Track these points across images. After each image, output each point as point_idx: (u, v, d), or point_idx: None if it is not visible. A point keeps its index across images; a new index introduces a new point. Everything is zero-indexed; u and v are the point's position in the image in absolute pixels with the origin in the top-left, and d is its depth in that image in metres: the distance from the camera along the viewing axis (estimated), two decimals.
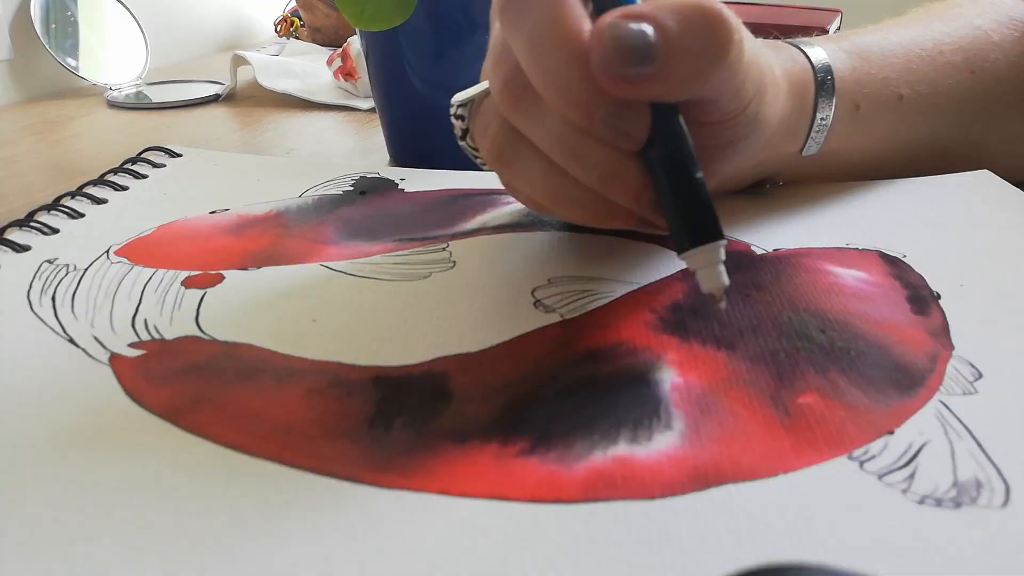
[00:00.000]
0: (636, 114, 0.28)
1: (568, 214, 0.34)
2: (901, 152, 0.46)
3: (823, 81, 0.40)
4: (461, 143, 0.37)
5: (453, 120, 0.36)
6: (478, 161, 0.38)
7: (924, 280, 0.34)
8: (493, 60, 0.31)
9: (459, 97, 0.35)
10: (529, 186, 0.33)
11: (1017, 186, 0.44)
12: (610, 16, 0.27)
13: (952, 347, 0.29)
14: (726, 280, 0.28)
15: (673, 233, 0.28)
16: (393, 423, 0.26)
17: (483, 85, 0.33)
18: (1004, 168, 0.47)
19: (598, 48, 0.27)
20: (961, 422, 0.25)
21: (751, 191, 0.44)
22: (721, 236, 0.27)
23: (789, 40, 0.42)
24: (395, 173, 0.50)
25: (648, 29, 0.27)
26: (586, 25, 0.27)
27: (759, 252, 0.37)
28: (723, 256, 0.28)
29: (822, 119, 0.41)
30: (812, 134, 0.41)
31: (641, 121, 0.28)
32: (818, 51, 0.41)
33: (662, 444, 0.25)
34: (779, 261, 0.36)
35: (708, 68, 0.28)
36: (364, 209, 0.44)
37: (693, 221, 0.28)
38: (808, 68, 0.40)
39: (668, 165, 0.28)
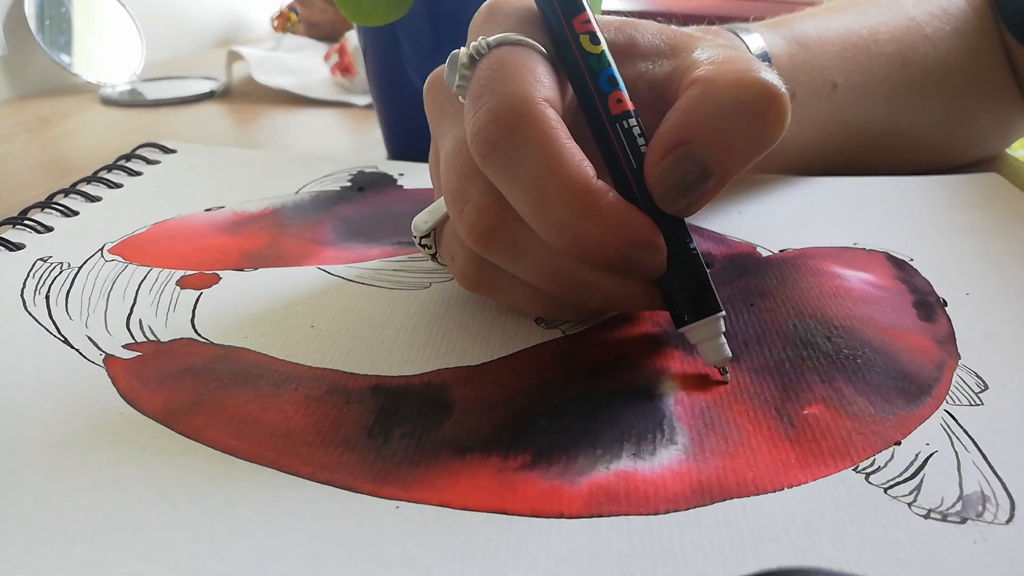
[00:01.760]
0: (654, 245, 0.27)
1: (563, 317, 0.32)
2: (833, 140, 0.46)
3: None
4: (432, 262, 0.34)
5: (418, 247, 0.33)
6: None
7: (931, 286, 0.34)
8: (451, 196, 0.28)
9: (419, 227, 0.32)
10: (513, 303, 0.31)
11: (939, 173, 0.46)
12: (653, 156, 0.26)
13: (958, 356, 0.29)
14: (728, 353, 0.28)
15: (670, 308, 0.28)
16: (392, 433, 0.26)
17: (440, 206, 0.31)
18: (926, 158, 0.48)
19: (657, 190, 0.26)
20: (967, 433, 0.25)
21: None
22: (720, 308, 0.27)
23: (727, 27, 0.42)
24: (394, 168, 0.50)
25: (688, 152, 0.26)
26: (588, 169, 0.26)
27: (765, 254, 0.37)
28: (723, 327, 0.28)
29: None
30: None
31: (660, 250, 0.27)
32: (756, 38, 0.41)
33: (665, 459, 0.24)
34: (785, 263, 0.36)
35: (767, 143, 0.27)
36: (362, 207, 0.44)
37: (691, 295, 0.27)
38: None
39: (678, 260, 0.27)
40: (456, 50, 0.28)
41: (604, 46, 0.28)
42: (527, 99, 0.26)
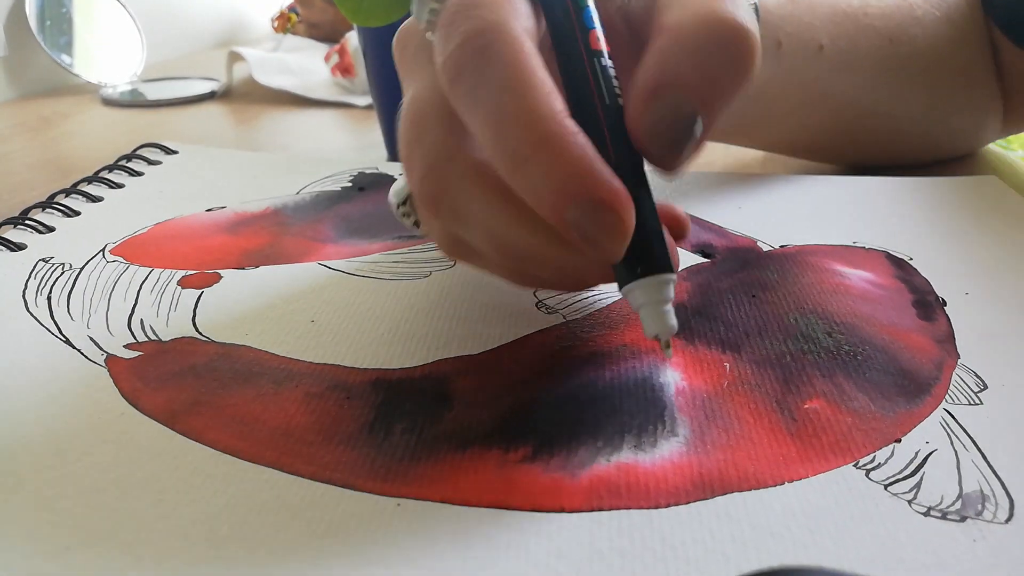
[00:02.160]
0: (617, 211, 0.22)
1: (537, 286, 0.30)
2: (816, 109, 0.46)
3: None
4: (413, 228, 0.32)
5: (399, 218, 0.31)
6: None
7: (930, 285, 0.34)
8: (403, 161, 0.27)
9: (395, 195, 0.30)
10: (490, 271, 0.29)
11: (921, 169, 0.46)
12: (637, 105, 0.24)
13: (958, 355, 0.29)
14: (674, 322, 0.24)
15: (616, 266, 0.25)
16: (393, 428, 0.26)
17: None
18: (904, 147, 0.48)
19: (650, 147, 0.24)
20: (966, 432, 0.25)
21: None
22: (670, 268, 0.24)
23: None
24: (394, 168, 0.50)
25: (677, 99, 0.24)
26: (557, 102, 0.23)
27: (766, 248, 0.37)
28: (671, 294, 0.24)
29: None
30: None
31: (624, 221, 0.23)
32: None
33: (666, 451, 0.24)
34: (786, 258, 0.36)
35: (741, 85, 0.25)
36: (363, 206, 0.44)
37: (636, 248, 0.23)
38: None
39: None
40: None
41: None
42: (502, 25, 0.24)
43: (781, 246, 0.37)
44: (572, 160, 0.22)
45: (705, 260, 0.36)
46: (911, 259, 0.36)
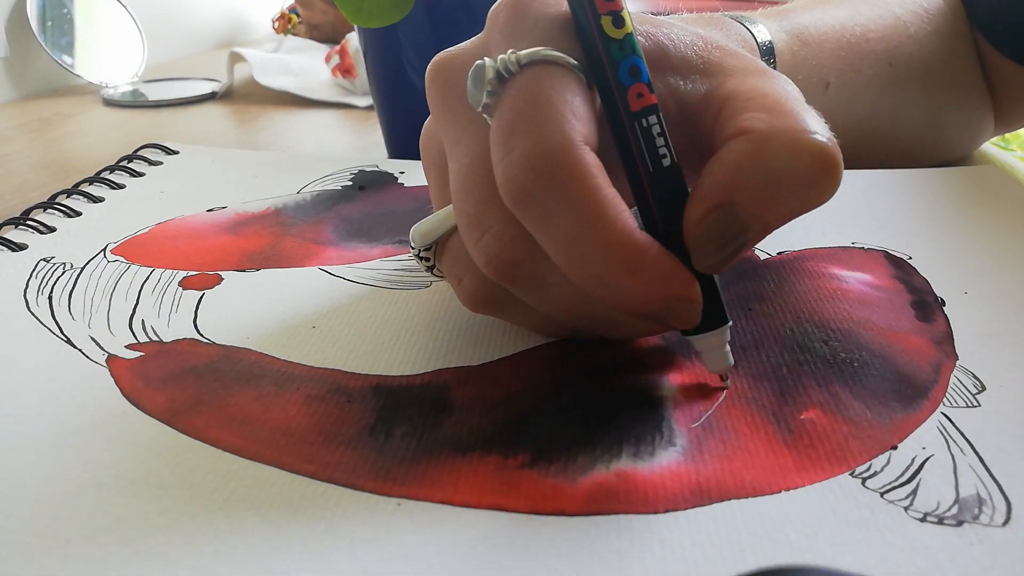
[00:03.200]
0: (692, 300, 0.25)
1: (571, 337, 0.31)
2: None
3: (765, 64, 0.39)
4: (426, 271, 0.32)
5: (415, 258, 0.31)
6: None
7: (929, 285, 0.34)
8: (468, 221, 0.26)
9: (420, 239, 0.30)
10: (523, 326, 0.31)
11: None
12: (695, 213, 0.24)
13: (956, 357, 0.29)
14: (731, 361, 0.27)
15: None
16: (394, 432, 0.26)
17: (445, 218, 0.29)
18: (897, 159, 0.48)
19: (694, 245, 0.24)
20: (964, 436, 0.25)
21: None
22: (727, 319, 0.27)
23: (731, 15, 0.41)
24: (395, 166, 0.50)
25: (731, 214, 0.24)
26: (630, 222, 0.23)
27: (763, 257, 0.37)
28: (729, 337, 0.27)
29: None
30: None
31: (698, 304, 0.25)
32: (761, 29, 0.40)
33: (664, 459, 0.24)
34: (783, 266, 0.36)
35: (815, 205, 0.25)
36: (363, 206, 0.44)
37: (707, 309, 0.26)
38: (754, 48, 0.39)
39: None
40: (480, 61, 0.25)
41: (630, 28, 0.25)
42: (566, 145, 0.23)
43: (779, 253, 0.37)
44: (652, 280, 0.23)
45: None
46: (910, 258, 0.36)
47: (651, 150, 0.25)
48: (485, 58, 0.25)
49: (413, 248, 0.30)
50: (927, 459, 0.24)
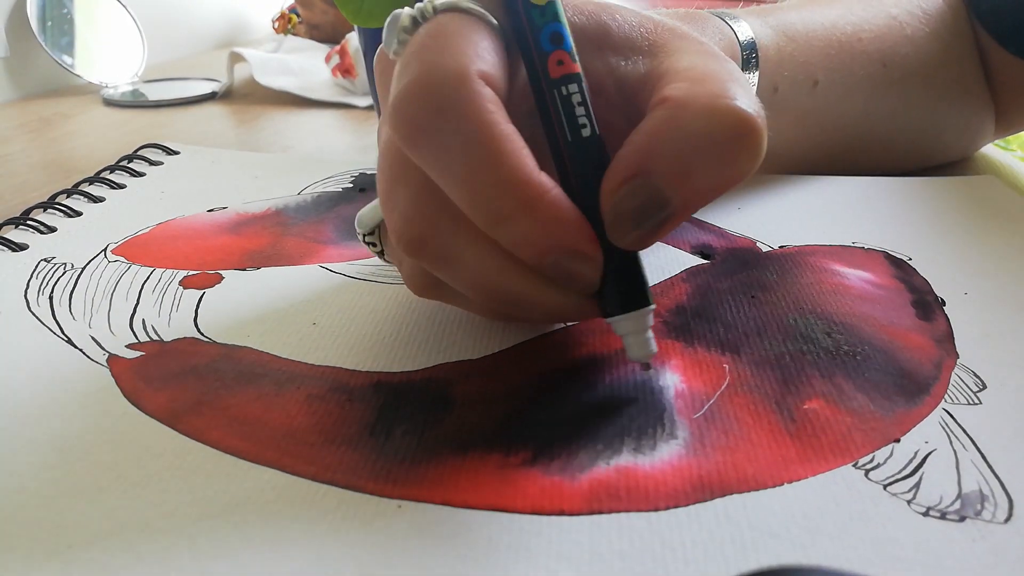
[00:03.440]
0: (588, 257, 0.24)
1: (517, 322, 0.31)
2: (810, 139, 0.46)
3: (748, 60, 0.38)
4: (377, 257, 0.32)
5: (365, 246, 0.32)
6: None
7: (929, 285, 0.34)
8: (382, 198, 0.26)
9: (363, 223, 0.30)
10: (466, 308, 0.30)
11: (916, 174, 0.46)
12: (610, 183, 0.24)
13: (957, 355, 0.29)
14: (654, 348, 0.26)
15: (600, 297, 0.26)
16: (394, 430, 0.26)
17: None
18: (894, 160, 0.48)
19: (608, 217, 0.24)
20: (965, 432, 0.25)
21: None
22: (648, 302, 0.26)
23: (714, 11, 0.40)
24: None
25: (646, 183, 0.23)
26: (527, 159, 0.23)
27: (765, 249, 0.37)
28: (651, 322, 0.26)
29: None
30: None
31: (594, 263, 0.24)
32: (744, 26, 0.40)
33: (666, 454, 0.24)
34: (785, 259, 0.36)
35: (736, 178, 0.24)
36: (363, 207, 0.44)
37: (620, 286, 0.25)
38: (735, 43, 0.38)
39: (609, 256, 0.25)
40: (397, 11, 0.25)
41: None
42: (459, 73, 0.23)
43: (780, 247, 0.37)
44: (549, 219, 0.23)
45: (704, 261, 0.36)
46: (910, 259, 0.36)
47: (570, 119, 0.25)
48: (404, 8, 0.25)
49: (358, 234, 0.30)
50: (930, 453, 0.24)
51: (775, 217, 0.41)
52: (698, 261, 0.36)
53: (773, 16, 0.43)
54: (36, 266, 0.37)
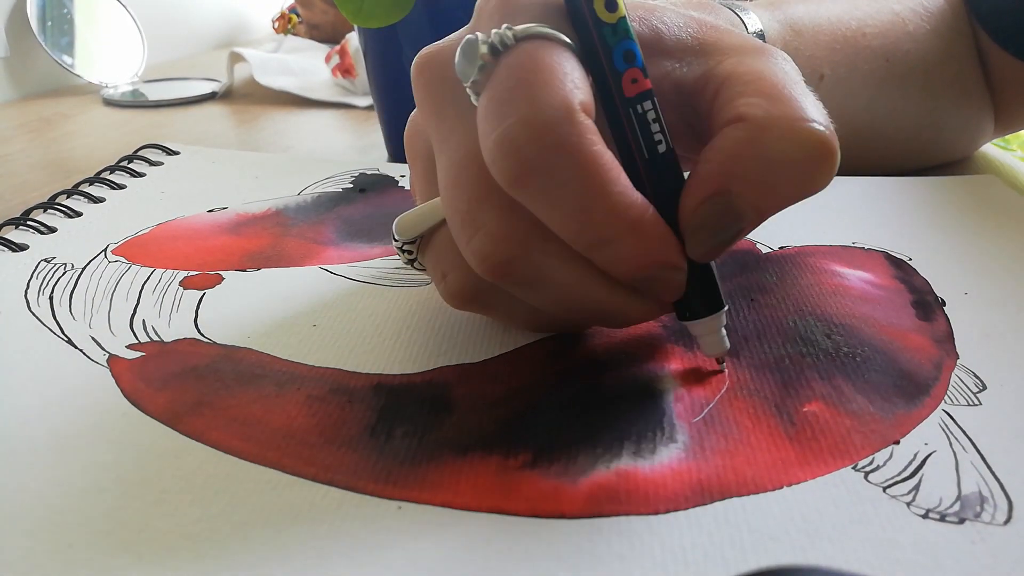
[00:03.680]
0: (679, 266, 0.25)
1: (555, 332, 0.31)
2: None
3: None
4: (406, 264, 0.31)
5: (396, 250, 0.31)
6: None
7: (929, 285, 0.34)
8: (460, 219, 0.25)
9: (403, 231, 0.29)
10: (507, 322, 0.30)
11: (915, 173, 0.46)
12: (691, 200, 0.24)
13: (957, 356, 0.29)
14: (728, 345, 0.28)
15: (679, 303, 0.27)
16: (394, 432, 0.26)
17: (430, 213, 0.28)
18: (895, 159, 0.48)
19: (689, 232, 0.25)
20: (965, 433, 0.25)
21: None
22: (723, 304, 0.27)
23: (723, 1, 0.40)
24: (395, 170, 0.50)
25: (728, 202, 0.24)
26: (630, 185, 0.23)
27: (764, 250, 0.37)
28: (724, 321, 0.27)
29: None
30: None
31: (683, 271, 0.25)
32: (753, 18, 0.40)
33: (665, 457, 0.24)
34: (784, 260, 0.36)
35: (811, 193, 0.24)
36: (364, 208, 0.44)
37: (699, 292, 0.27)
38: None
39: (691, 267, 0.26)
40: (471, 36, 0.24)
41: (623, 12, 0.25)
42: (567, 109, 0.23)
43: (780, 248, 0.37)
44: (652, 238, 0.24)
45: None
46: (910, 259, 0.36)
47: (647, 137, 0.25)
48: (477, 33, 0.25)
49: (396, 240, 0.30)
50: (929, 455, 0.24)
51: (774, 218, 0.41)
52: None
53: (779, 9, 0.43)
54: (36, 266, 0.37)
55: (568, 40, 0.24)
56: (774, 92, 0.24)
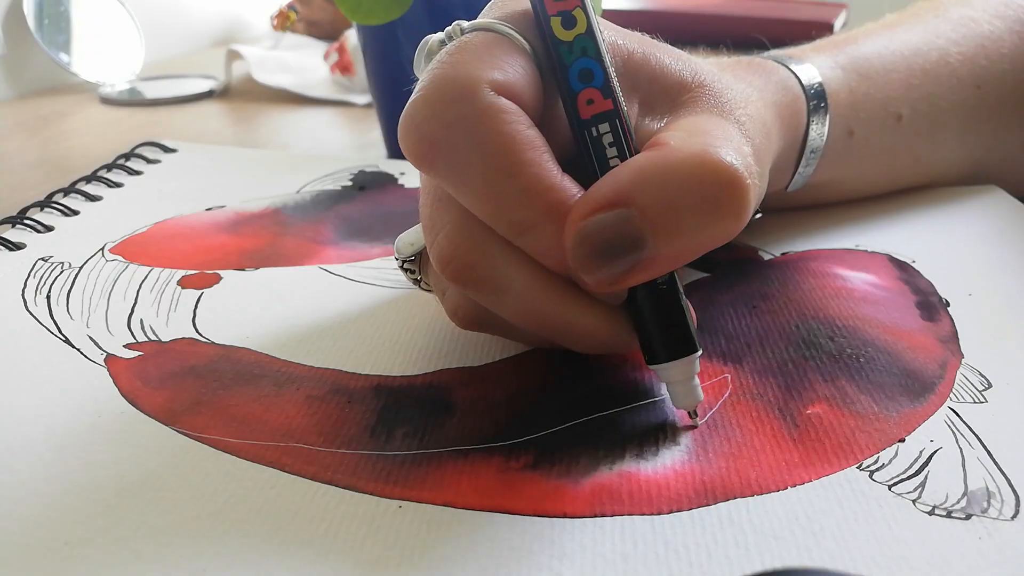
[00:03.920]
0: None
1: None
2: (900, 176, 0.43)
3: (815, 107, 0.36)
4: (413, 284, 0.31)
5: (400, 271, 0.31)
6: None
7: (933, 287, 0.34)
8: (424, 223, 0.25)
9: (402, 250, 0.29)
10: (507, 335, 0.29)
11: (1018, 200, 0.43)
12: (582, 208, 0.22)
13: (962, 355, 0.29)
14: (701, 396, 0.25)
15: (643, 341, 0.25)
16: (395, 433, 0.26)
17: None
18: (1005, 184, 0.44)
19: (571, 250, 0.22)
20: (971, 430, 0.25)
21: None
22: (696, 348, 0.25)
23: (778, 56, 0.38)
24: (395, 167, 0.50)
25: (625, 216, 0.22)
26: (549, 164, 0.22)
27: (767, 257, 0.37)
28: (698, 368, 0.25)
29: (812, 151, 0.37)
30: (800, 168, 0.37)
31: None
32: (809, 69, 0.37)
33: (668, 459, 0.24)
34: (787, 266, 0.36)
35: (718, 236, 0.23)
36: (363, 206, 0.44)
37: (664, 331, 0.25)
38: (800, 95, 0.36)
39: (653, 299, 0.24)
40: (430, 35, 0.25)
41: (582, 30, 0.24)
42: (468, 83, 0.22)
43: (783, 254, 0.37)
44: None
45: (705, 275, 0.36)
46: (914, 262, 0.36)
47: (600, 159, 0.24)
48: (437, 33, 0.25)
49: (397, 259, 0.29)
50: (935, 452, 0.24)
51: (776, 224, 0.40)
52: (699, 275, 0.36)
53: (843, 52, 0.40)
54: (33, 265, 0.37)
55: (518, 36, 0.24)
56: (700, 130, 0.24)
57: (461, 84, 0.22)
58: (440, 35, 0.25)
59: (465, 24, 0.24)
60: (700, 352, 0.25)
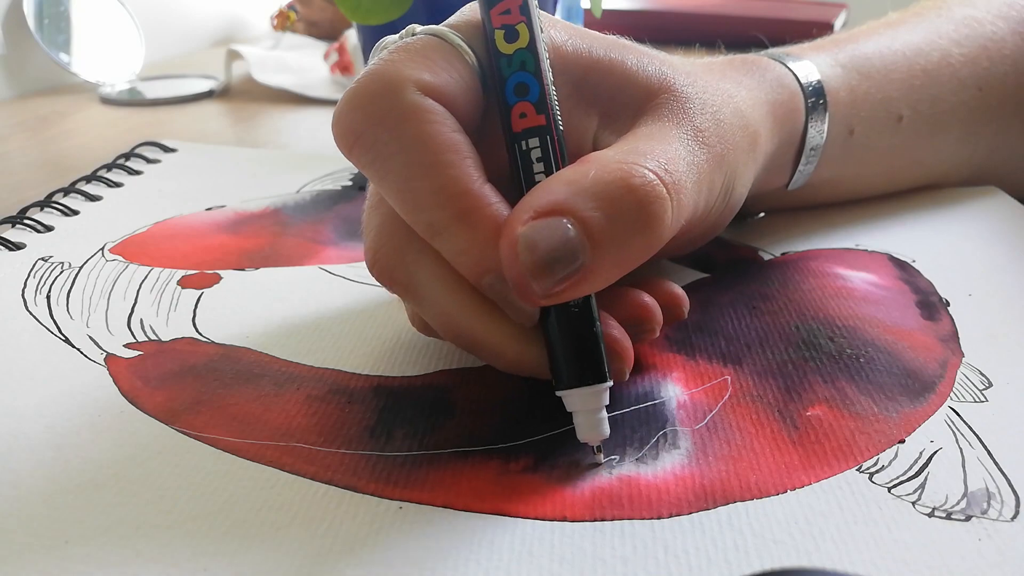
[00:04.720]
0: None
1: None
2: (901, 177, 0.43)
3: (814, 105, 0.36)
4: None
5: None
6: None
7: (933, 286, 0.34)
8: (363, 224, 0.26)
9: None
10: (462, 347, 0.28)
11: (1020, 201, 0.43)
12: (520, 217, 0.22)
13: (962, 354, 0.29)
14: (607, 431, 0.24)
15: (551, 364, 0.24)
16: (395, 433, 0.26)
17: None
18: (1006, 187, 0.44)
19: (511, 262, 0.22)
20: (972, 429, 0.25)
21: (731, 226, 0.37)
22: (605, 378, 0.24)
23: (775, 54, 0.38)
24: None
25: (564, 224, 0.22)
26: (470, 169, 0.23)
27: (767, 257, 0.37)
28: (606, 400, 0.24)
29: (812, 149, 0.37)
30: (800, 167, 0.37)
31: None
32: (808, 67, 0.37)
33: (668, 463, 0.24)
34: (787, 266, 0.36)
35: (645, 249, 0.23)
36: (363, 206, 0.44)
37: (572, 356, 0.24)
38: (797, 92, 0.36)
39: (563, 320, 0.24)
40: (388, 36, 0.26)
41: (523, 44, 0.24)
42: (396, 81, 0.23)
43: (783, 254, 0.37)
44: (486, 234, 0.23)
45: (705, 275, 0.36)
46: (914, 261, 0.36)
47: (527, 174, 0.24)
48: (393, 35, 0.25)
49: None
50: (935, 452, 0.24)
51: (776, 224, 0.40)
52: (698, 275, 0.36)
53: (844, 50, 0.40)
54: (33, 265, 0.37)
55: (464, 46, 0.25)
56: (631, 148, 0.24)
57: (387, 80, 0.23)
58: (394, 36, 0.25)
59: (419, 28, 0.25)
60: (610, 384, 0.24)
